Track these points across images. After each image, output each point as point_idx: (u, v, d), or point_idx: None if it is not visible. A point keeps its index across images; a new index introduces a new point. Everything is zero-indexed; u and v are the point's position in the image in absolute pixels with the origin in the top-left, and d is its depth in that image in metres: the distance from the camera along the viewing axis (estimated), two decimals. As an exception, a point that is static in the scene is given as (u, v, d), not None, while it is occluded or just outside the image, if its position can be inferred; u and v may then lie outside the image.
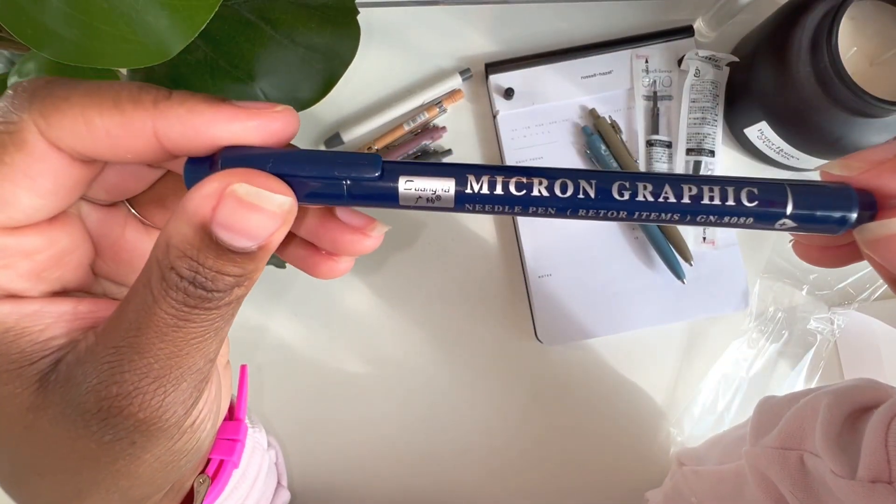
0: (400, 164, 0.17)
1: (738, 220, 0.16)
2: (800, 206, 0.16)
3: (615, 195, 0.16)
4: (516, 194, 0.16)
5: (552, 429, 0.52)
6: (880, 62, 0.42)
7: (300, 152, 0.17)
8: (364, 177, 0.16)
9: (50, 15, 0.24)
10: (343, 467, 0.52)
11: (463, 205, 0.16)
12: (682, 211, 0.16)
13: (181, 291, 0.15)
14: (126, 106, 0.15)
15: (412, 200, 0.16)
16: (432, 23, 0.54)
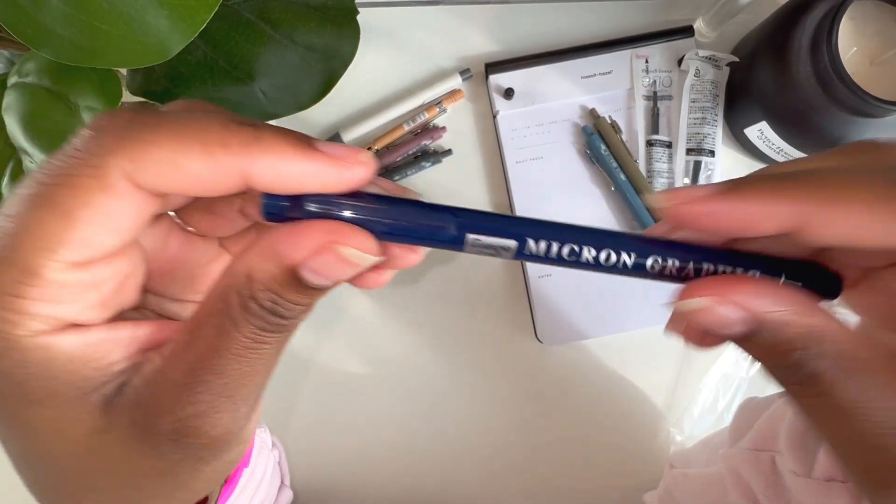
0: (471, 218, 0.18)
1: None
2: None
3: (648, 267, 0.18)
4: (566, 258, 0.18)
5: (552, 429, 0.52)
6: (880, 62, 0.42)
7: (384, 201, 0.17)
8: (441, 234, 0.18)
9: (50, 15, 0.24)
10: (344, 466, 0.52)
11: (521, 258, 0.18)
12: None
13: (260, 318, 0.16)
14: (215, 150, 0.15)
15: (475, 250, 0.18)
16: (432, 23, 0.54)
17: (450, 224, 0.18)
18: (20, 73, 0.31)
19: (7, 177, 0.33)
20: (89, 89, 0.30)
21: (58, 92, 0.30)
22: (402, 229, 0.17)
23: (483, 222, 0.18)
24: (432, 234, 0.18)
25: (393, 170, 0.52)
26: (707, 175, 0.50)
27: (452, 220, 0.18)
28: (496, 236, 0.18)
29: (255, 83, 0.33)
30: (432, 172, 0.53)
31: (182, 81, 0.33)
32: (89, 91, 0.30)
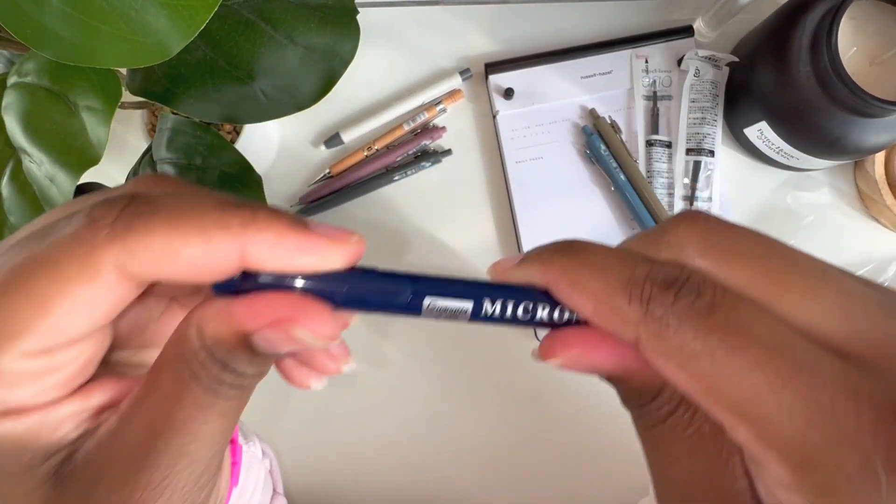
0: (426, 283, 0.18)
1: None
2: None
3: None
4: (521, 317, 0.18)
5: (551, 430, 0.52)
6: (880, 62, 0.42)
7: (340, 275, 0.18)
8: (394, 301, 0.18)
9: (49, 15, 0.24)
10: (339, 471, 0.52)
11: (477, 319, 0.18)
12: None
13: (216, 371, 0.16)
14: (213, 232, 0.15)
15: (431, 315, 0.18)
16: (432, 23, 0.54)
17: (406, 290, 0.18)
18: (20, 73, 0.31)
19: (7, 177, 0.33)
20: (89, 89, 0.30)
21: (57, 92, 0.30)
22: (358, 299, 0.18)
23: (440, 287, 0.18)
24: (388, 302, 0.18)
25: (393, 170, 0.52)
26: (707, 175, 0.50)
27: (409, 289, 0.18)
28: (451, 297, 0.18)
29: (255, 83, 0.33)
30: (432, 172, 0.53)
31: (182, 81, 0.33)
32: (89, 91, 0.30)
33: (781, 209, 0.52)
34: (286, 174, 0.53)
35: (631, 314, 0.14)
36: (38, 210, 0.32)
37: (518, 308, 0.18)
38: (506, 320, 0.18)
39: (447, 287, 0.18)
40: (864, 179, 0.51)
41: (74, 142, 0.30)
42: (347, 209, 0.53)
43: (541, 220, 0.51)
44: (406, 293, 0.18)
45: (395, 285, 0.18)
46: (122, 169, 0.41)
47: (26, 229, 0.16)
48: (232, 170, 0.36)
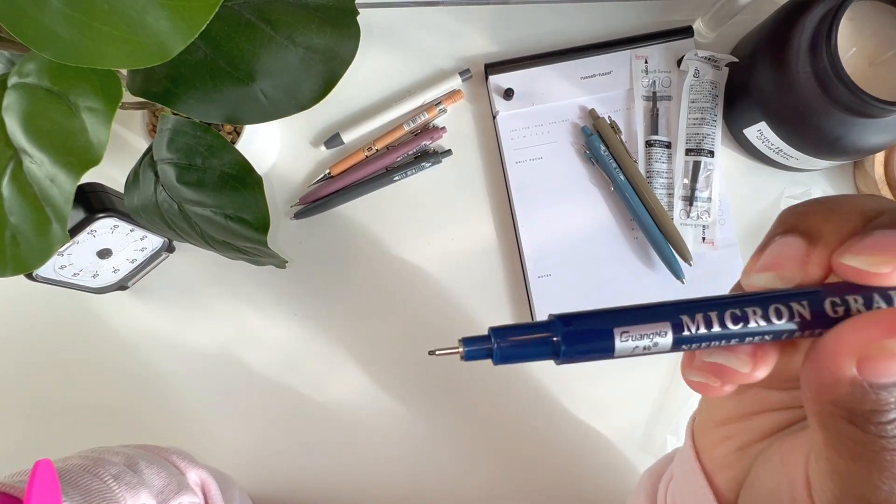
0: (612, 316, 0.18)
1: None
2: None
3: (828, 312, 0.17)
4: (733, 329, 0.17)
5: (551, 430, 0.52)
6: (879, 62, 0.42)
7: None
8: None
9: (50, 15, 0.24)
10: (342, 471, 0.52)
11: (680, 347, 0.18)
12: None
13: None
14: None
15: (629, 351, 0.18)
16: (432, 23, 0.54)
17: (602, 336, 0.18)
18: (20, 74, 0.32)
19: (7, 177, 0.33)
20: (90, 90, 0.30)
21: (58, 92, 0.30)
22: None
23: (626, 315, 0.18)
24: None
25: (393, 170, 0.52)
26: (706, 175, 0.50)
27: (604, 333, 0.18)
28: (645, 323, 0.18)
29: (256, 84, 0.33)
30: (432, 173, 0.53)
31: (182, 82, 0.33)
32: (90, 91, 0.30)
33: (781, 210, 0.52)
34: (286, 174, 0.53)
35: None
36: (38, 210, 0.32)
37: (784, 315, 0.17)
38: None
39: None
40: (864, 180, 0.51)
41: (75, 142, 0.30)
42: (347, 209, 0.53)
43: (540, 221, 0.51)
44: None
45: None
46: (123, 169, 0.41)
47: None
48: (232, 170, 0.36)
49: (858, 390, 0.15)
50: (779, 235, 0.18)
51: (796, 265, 0.17)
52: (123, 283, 0.51)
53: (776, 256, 0.18)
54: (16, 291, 0.53)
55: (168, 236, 0.48)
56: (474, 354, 0.18)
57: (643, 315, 0.17)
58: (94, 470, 0.32)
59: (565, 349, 0.17)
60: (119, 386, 0.52)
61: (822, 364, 0.16)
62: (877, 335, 0.15)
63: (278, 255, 0.41)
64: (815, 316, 0.17)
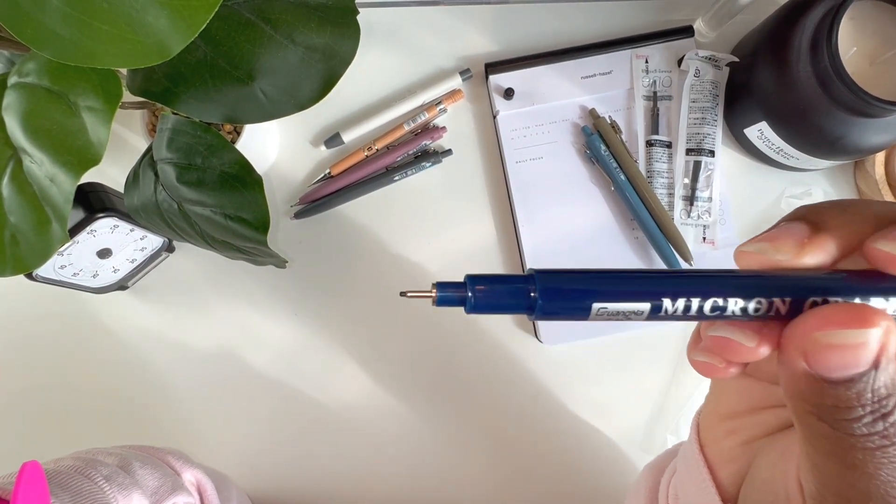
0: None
1: None
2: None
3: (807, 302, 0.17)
4: (709, 314, 0.17)
5: (551, 430, 0.52)
6: (880, 62, 0.42)
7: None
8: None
9: (49, 15, 0.24)
10: (342, 470, 0.52)
11: (657, 317, 0.18)
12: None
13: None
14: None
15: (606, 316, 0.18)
16: (432, 23, 0.54)
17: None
18: (20, 73, 0.31)
19: (7, 177, 0.33)
20: (89, 89, 0.30)
21: (58, 92, 0.30)
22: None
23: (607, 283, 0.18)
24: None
25: (393, 170, 0.52)
26: (707, 175, 0.50)
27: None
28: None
29: (256, 83, 0.33)
30: (432, 172, 0.53)
31: (182, 81, 0.33)
32: (89, 91, 0.30)
33: (781, 209, 0.52)
34: (286, 174, 0.53)
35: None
36: (38, 210, 0.32)
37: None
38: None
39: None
40: (865, 179, 0.51)
41: (75, 142, 0.30)
42: (347, 209, 0.53)
43: (541, 220, 0.51)
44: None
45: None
46: (123, 169, 0.41)
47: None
48: (232, 170, 0.36)
49: (815, 385, 0.15)
50: (786, 221, 0.18)
51: (793, 242, 0.17)
52: (123, 282, 0.51)
53: (777, 231, 0.17)
54: (15, 291, 0.53)
55: (168, 236, 0.48)
56: (448, 300, 0.17)
57: (625, 291, 0.17)
58: (86, 471, 0.32)
59: (542, 304, 0.17)
60: (118, 386, 0.52)
61: (782, 358, 0.16)
62: (817, 326, 0.15)
63: (278, 255, 0.41)
64: (795, 304, 0.17)
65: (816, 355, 0.15)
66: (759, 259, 0.17)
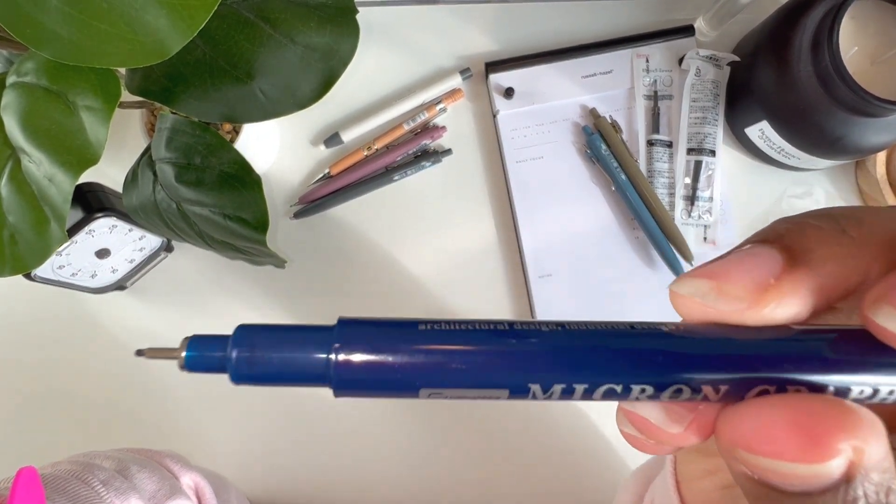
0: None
1: None
2: None
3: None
4: (602, 399, 0.12)
5: (551, 429, 0.52)
6: (881, 61, 0.42)
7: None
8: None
9: (48, 14, 0.24)
10: (340, 471, 0.51)
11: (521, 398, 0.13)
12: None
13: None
14: None
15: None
16: (432, 22, 0.54)
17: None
18: (19, 73, 0.31)
19: (6, 176, 0.33)
20: (88, 89, 0.30)
21: (57, 91, 0.30)
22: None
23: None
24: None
25: (393, 169, 0.52)
26: (708, 175, 0.50)
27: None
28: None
29: (255, 82, 0.33)
30: (432, 172, 0.53)
31: (181, 81, 0.32)
32: (88, 90, 0.30)
33: (782, 209, 0.52)
34: (286, 174, 0.53)
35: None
36: (37, 210, 0.32)
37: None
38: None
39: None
40: (866, 179, 0.51)
41: (73, 141, 0.30)
42: (347, 209, 0.52)
43: (541, 220, 0.51)
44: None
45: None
46: (122, 169, 0.41)
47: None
48: (231, 169, 0.36)
49: (764, 492, 0.11)
50: (751, 244, 0.13)
51: (749, 283, 0.12)
52: (122, 283, 0.50)
53: (728, 264, 0.12)
54: (14, 291, 0.53)
55: (167, 236, 0.47)
56: (200, 363, 0.13)
57: (468, 373, 0.12)
58: (83, 476, 0.31)
59: (338, 378, 0.12)
60: (117, 386, 0.52)
61: (719, 449, 0.12)
62: (754, 443, 0.11)
63: (277, 255, 0.41)
64: (733, 390, 0.12)
65: (759, 472, 0.11)
66: (699, 308, 0.12)
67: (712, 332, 0.12)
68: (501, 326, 0.12)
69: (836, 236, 0.12)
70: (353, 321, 0.13)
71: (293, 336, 0.13)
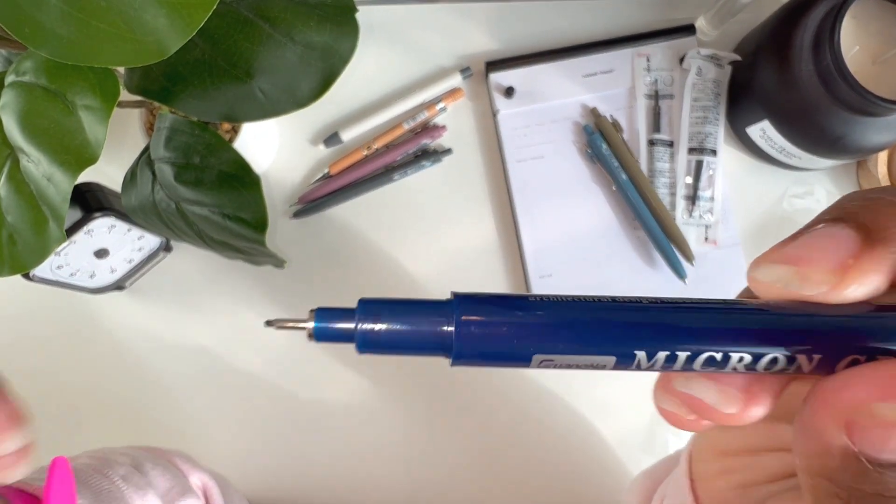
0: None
1: None
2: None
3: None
4: (700, 368, 0.13)
5: (551, 430, 0.51)
6: (882, 61, 0.42)
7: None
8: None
9: (47, 13, 0.24)
10: (340, 472, 0.51)
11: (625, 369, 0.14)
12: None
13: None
14: None
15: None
16: (432, 21, 0.54)
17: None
18: (17, 72, 0.31)
19: (4, 176, 0.33)
20: (87, 88, 0.30)
21: (55, 91, 0.30)
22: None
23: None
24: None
25: (392, 169, 0.52)
26: (709, 174, 0.50)
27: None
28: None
29: (254, 81, 0.33)
30: (432, 172, 0.52)
31: (180, 80, 0.32)
32: (87, 90, 0.30)
33: (783, 209, 0.52)
34: (285, 173, 0.53)
35: None
36: (35, 210, 0.32)
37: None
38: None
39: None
40: (867, 179, 0.51)
41: (72, 141, 0.30)
42: (346, 209, 0.52)
43: (542, 220, 0.51)
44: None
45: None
46: (121, 168, 0.41)
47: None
48: (230, 169, 0.36)
49: (853, 465, 0.11)
50: (824, 223, 0.13)
51: (830, 265, 0.12)
52: (121, 283, 0.50)
53: (806, 247, 0.13)
54: (12, 291, 0.52)
55: (166, 236, 0.47)
56: (328, 333, 0.14)
57: (581, 339, 0.13)
58: (104, 470, 0.32)
59: (459, 346, 0.13)
60: (115, 387, 0.52)
61: (808, 424, 0.12)
62: (870, 395, 0.11)
63: (276, 255, 0.41)
64: (827, 358, 0.12)
65: (868, 431, 0.11)
66: (780, 292, 0.13)
67: (797, 307, 0.13)
68: (605, 300, 0.13)
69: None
70: (470, 296, 0.13)
71: (414, 308, 0.14)
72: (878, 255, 0.12)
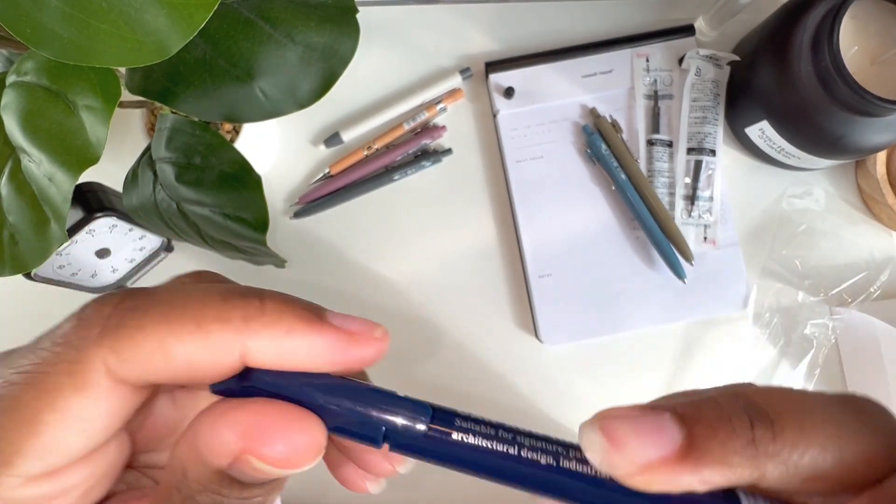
0: (450, 415, 0.16)
1: None
2: None
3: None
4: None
5: (551, 430, 0.52)
6: (881, 61, 0.42)
7: (344, 385, 0.15)
8: (408, 428, 0.15)
9: (48, 13, 0.24)
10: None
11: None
12: None
13: (212, 497, 0.14)
14: (212, 326, 0.14)
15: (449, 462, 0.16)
16: (432, 21, 0.54)
17: (422, 417, 0.16)
18: (19, 73, 0.31)
19: (6, 176, 0.33)
20: (88, 88, 0.30)
21: (56, 91, 0.30)
22: (362, 421, 0.15)
23: (465, 420, 0.16)
24: (400, 435, 0.15)
25: (393, 169, 0.52)
26: (708, 174, 0.50)
27: (425, 414, 0.16)
28: (487, 439, 0.16)
29: (255, 82, 0.33)
30: (432, 172, 0.52)
31: (181, 80, 0.32)
32: (88, 90, 0.30)
33: (782, 209, 0.52)
34: (286, 173, 0.53)
35: None
36: (37, 210, 0.32)
37: None
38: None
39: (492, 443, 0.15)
40: (866, 179, 0.51)
41: (73, 141, 0.30)
42: (347, 209, 0.52)
43: (541, 220, 0.51)
44: (422, 418, 0.15)
45: (410, 409, 0.15)
46: (122, 168, 0.41)
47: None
48: (231, 169, 0.36)
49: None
50: (668, 412, 0.13)
51: (639, 460, 0.13)
52: (122, 282, 0.50)
53: (629, 431, 0.13)
54: (14, 291, 0.53)
55: (167, 236, 0.47)
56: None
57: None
58: None
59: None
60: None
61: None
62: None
63: (277, 255, 0.41)
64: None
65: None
66: (595, 459, 0.14)
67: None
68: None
69: (743, 447, 0.12)
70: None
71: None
72: (690, 468, 0.12)
